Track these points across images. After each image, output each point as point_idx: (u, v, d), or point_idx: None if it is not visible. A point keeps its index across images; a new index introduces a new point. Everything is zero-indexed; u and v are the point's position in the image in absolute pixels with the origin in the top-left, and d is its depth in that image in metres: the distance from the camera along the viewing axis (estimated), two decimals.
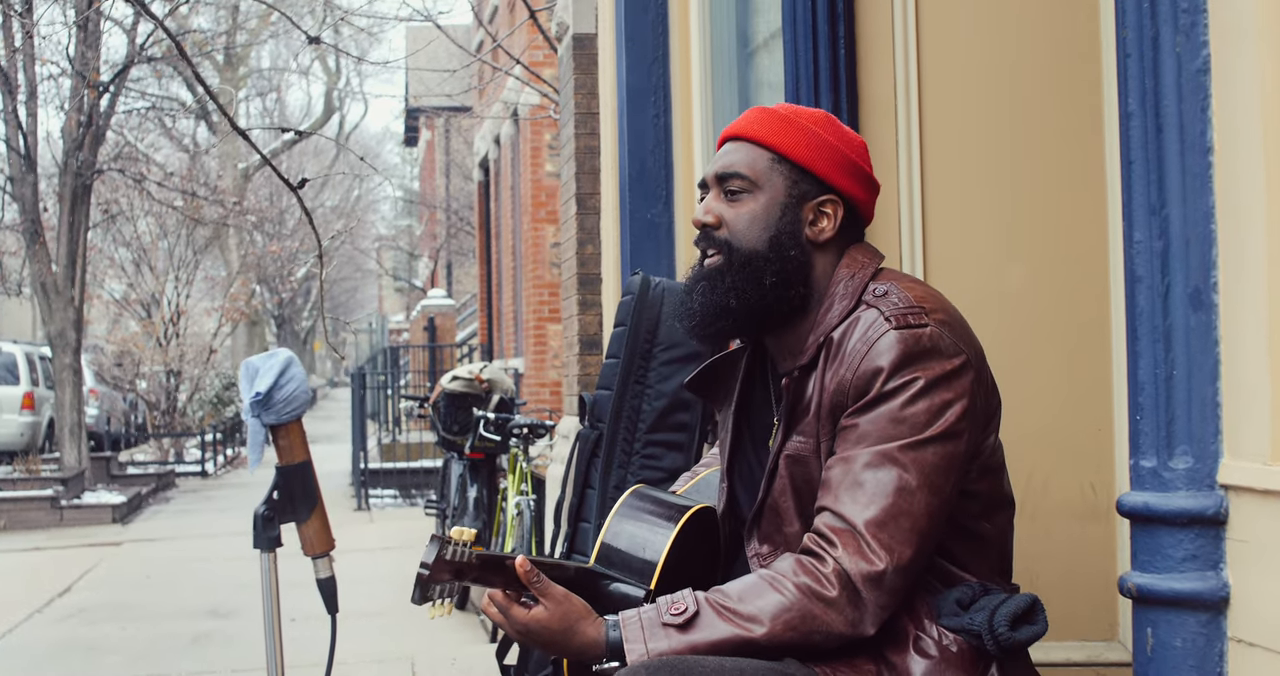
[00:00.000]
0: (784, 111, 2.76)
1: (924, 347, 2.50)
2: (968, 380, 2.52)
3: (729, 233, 2.70)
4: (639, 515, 2.84)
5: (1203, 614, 2.22)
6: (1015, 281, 3.90)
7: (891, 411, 2.48)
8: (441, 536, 2.41)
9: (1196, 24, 2.21)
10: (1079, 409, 3.85)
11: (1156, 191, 2.24)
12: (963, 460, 2.51)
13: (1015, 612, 2.47)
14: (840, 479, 2.50)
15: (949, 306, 2.63)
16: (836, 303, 2.65)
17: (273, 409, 3.36)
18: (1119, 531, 3.78)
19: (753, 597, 2.46)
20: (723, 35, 5.62)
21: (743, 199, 2.70)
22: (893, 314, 2.54)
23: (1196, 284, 2.22)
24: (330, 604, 3.62)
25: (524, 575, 2.50)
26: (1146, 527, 2.27)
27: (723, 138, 2.83)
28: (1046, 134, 3.87)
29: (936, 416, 2.47)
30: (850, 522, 2.45)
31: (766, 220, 2.69)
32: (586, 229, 8.04)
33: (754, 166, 2.71)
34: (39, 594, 10.96)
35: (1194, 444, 2.23)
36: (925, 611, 2.53)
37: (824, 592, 2.43)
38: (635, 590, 2.69)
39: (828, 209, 2.70)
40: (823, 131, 2.73)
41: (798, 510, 2.67)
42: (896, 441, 2.47)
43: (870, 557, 2.43)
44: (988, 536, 2.66)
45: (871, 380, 2.50)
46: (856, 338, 2.56)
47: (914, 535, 2.45)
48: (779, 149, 2.70)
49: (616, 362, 4.33)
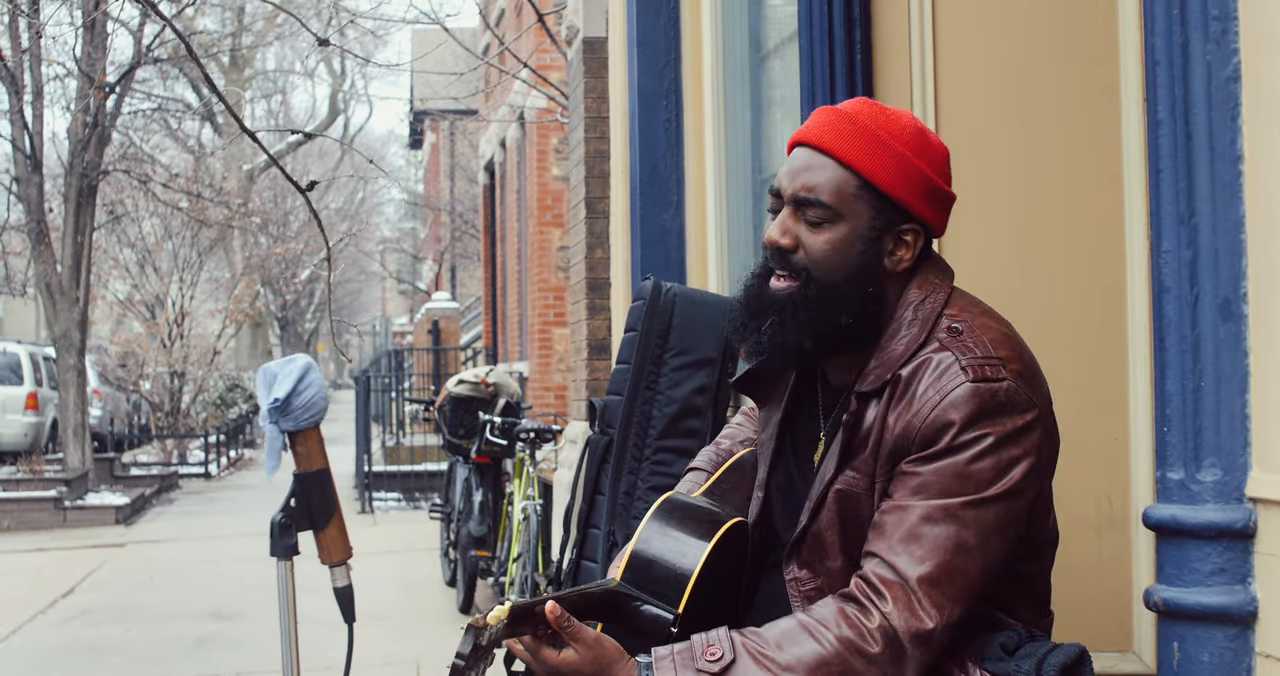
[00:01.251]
0: (873, 124, 2.57)
1: (1000, 403, 2.40)
2: (1037, 436, 2.44)
3: (808, 259, 2.55)
4: (672, 526, 2.72)
5: (1230, 628, 2.19)
6: (1030, 289, 3.87)
7: (957, 466, 2.39)
8: (478, 624, 2.31)
9: (1227, 31, 2.19)
10: (1095, 418, 3.82)
11: (1185, 201, 2.21)
12: (1021, 517, 2.44)
13: (1065, 663, 2.41)
14: (895, 527, 2.42)
15: (1025, 352, 2.53)
16: (904, 328, 2.54)
17: (291, 415, 3.32)
18: (1135, 542, 3.75)
19: (790, 645, 2.37)
20: (735, 39, 5.59)
21: (824, 227, 2.54)
22: (970, 364, 2.44)
23: (1226, 294, 2.19)
24: (347, 612, 3.57)
25: (554, 620, 2.40)
26: (1173, 540, 2.25)
27: (797, 141, 2.64)
28: (1062, 139, 3.84)
29: (1002, 474, 2.39)
30: (903, 576, 2.37)
31: (847, 252, 2.54)
32: (596, 233, 8.01)
33: (839, 193, 2.53)
34: (42, 595, 10.93)
35: (1222, 456, 2.20)
36: (969, 657, 2.47)
37: (866, 649, 2.35)
38: (664, 612, 2.59)
39: (908, 238, 2.57)
40: (913, 155, 2.56)
41: (842, 546, 2.58)
42: (959, 498, 2.38)
43: (921, 615, 2.35)
44: (1033, 576, 2.61)
45: (941, 432, 2.41)
46: (928, 383, 2.45)
47: (965, 593, 2.37)
48: (868, 175, 2.53)
49: (627, 368, 4.31)
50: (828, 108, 2.64)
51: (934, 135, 2.63)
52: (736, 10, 5.56)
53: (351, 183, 44.89)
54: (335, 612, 3.56)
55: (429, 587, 10.83)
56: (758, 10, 5.50)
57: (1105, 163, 3.79)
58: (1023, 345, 2.54)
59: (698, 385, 4.21)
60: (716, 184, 5.60)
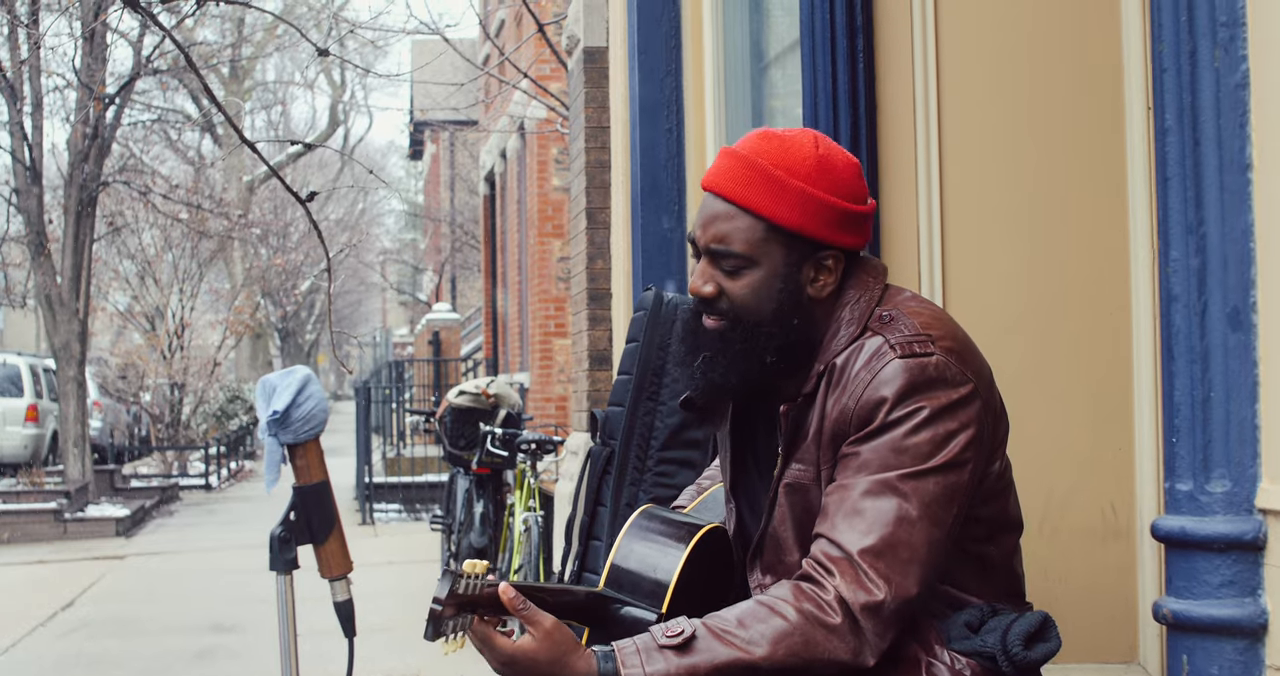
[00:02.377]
0: (771, 163, 2.57)
1: (930, 377, 2.44)
2: (974, 409, 2.45)
3: (730, 304, 2.59)
4: (649, 535, 2.77)
5: (1240, 641, 2.17)
6: (1033, 299, 3.86)
7: (894, 440, 2.42)
8: (454, 571, 2.33)
9: (1235, 38, 2.17)
10: (1099, 428, 3.81)
11: (1194, 209, 2.19)
12: (966, 490, 2.45)
13: (1028, 631, 2.43)
14: (838, 506, 2.44)
15: (957, 331, 2.56)
16: (843, 328, 2.58)
17: (290, 427, 3.30)
18: (1140, 552, 3.73)
19: (753, 622, 2.38)
20: (736, 48, 5.58)
21: (741, 274, 2.58)
22: (898, 342, 2.48)
23: (1235, 303, 2.17)
24: (348, 627, 3.54)
25: (509, 602, 2.39)
26: (1182, 552, 2.23)
27: (706, 187, 2.66)
28: (1065, 148, 3.83)
29: (940, 446, 2.41)
30: (846, 551, 2.39)
31: (767, 292, 2.58)
32: (597, 243, 8.00)
33: (749, 241, 2.57)
34: (42, 607, 10.90)
35: (1231, 467, 2.18)
36: (934, 637, 2.48)
37: (827, 619, 2.36)
38: (647, 613, 2.61)
39: (828, 262, 2.59)
40: (816, 188, 2.56)
41: (798, 539, 2.61)
42: (898, 470, 2.41)
43: (869, 587, 2.36)
44: (993, 560, 2.60)
45: (875, 409, 2.44)
46: (860, 365, 2.49)
47: (913, 566, 2.38)
48: (773, 219, 2.56)
49: (629, 379, 4.29)
50: (727, 151, 2.66)
51: (839, 154, 2.63)
52: (738, 19, 5.55)
53: (351, 194, 44.86)
54: (335, 623, 3.53)
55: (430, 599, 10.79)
56: (759, 19, 5.49)
57: (1109, 172, 3.78)
58: (955, 326, 2.57)
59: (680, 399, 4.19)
60: None
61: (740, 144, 2.66)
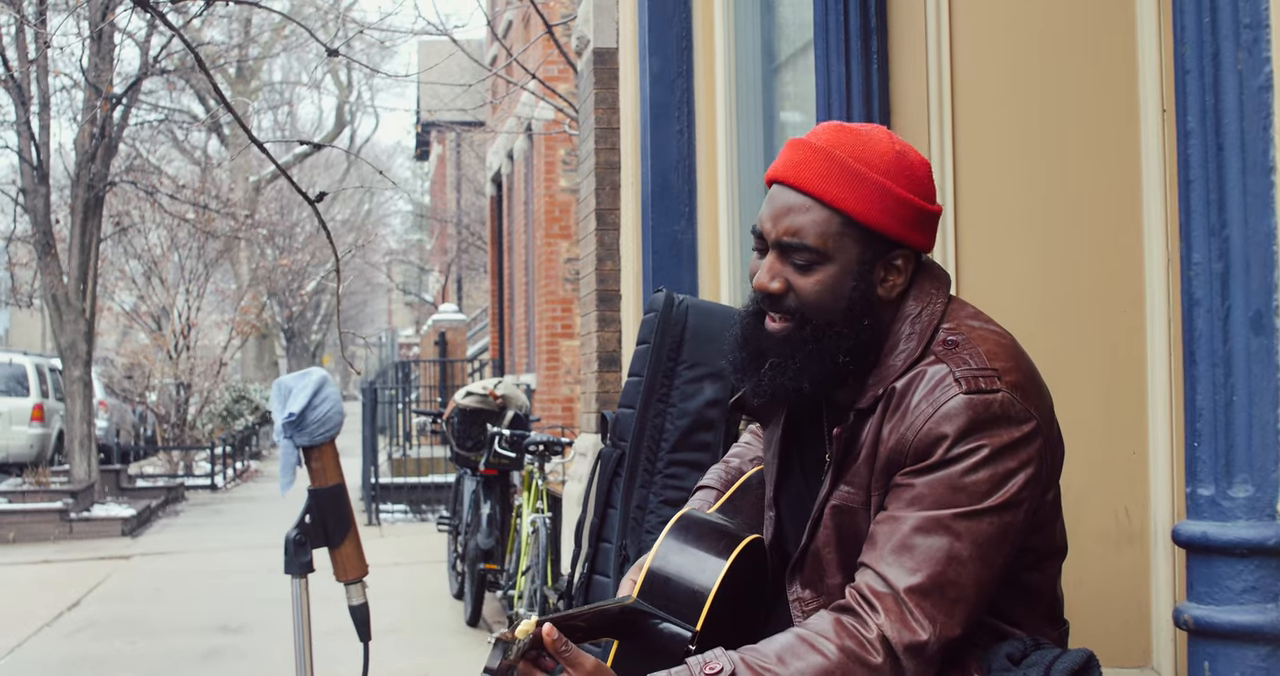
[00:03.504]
0: (850, 156, 2.50)
1: (994, 414, 2.36)
2: (1035, 447, 2.39)
3: (799, 302, 2.50)
4: (689, 544, 2.69)
5: (1263, 647, 2.15)
6: (1047, 302, 3.84)
7: (952, 477, 2.35)
8: (504, 638, 2.25)
9: (1259, 39, 2.15)
10: (1113, 431, 3.78)
11: (1216, 212, 2.18)
12: (1020, 529, 2.39)
13: (1072, 669, 2.37)
14: (887, 538, 2.38)
15: (1021, 361, 2.48)
16: (903, 343, 2.50)
17: (306, 430, 3.27)
18: (1154, 557, 3.71)
19: (792, 658, 2.32)
20: (747, 49, 5.57)
21: (813, 269, 2.49)
22: (964, 376, 2.39)
23: (1258, 307, 2.15)
24: (363, 631, 3.52)
25: (551, 644, 2.32)
26: (1204, 558, 2.21)
27: (775, 178, 2.57)
28: (1080, 151, 3.81)
29: (998, 487, 2.34)
30: (893, 587, 2.33)
31: (839, 290, 2.49)
32: (606, 245, 7.97)
33: (824, 235, 2.48)
34: (48, 607, 10.90)
35: (1254, 472, 2.17)
36: (974, 667, 2.43)
37: (869, 659, 2.31)
38: (682, 630, 2.55)
39: (899, 262, 2.52)
40: (895, 184, 2.49)
41: (840, 563, 2.55)
42: (953, 509, 2.34)
43: (913, 627, 2.31)
44: (1038, 587, 2.56)
45: (935, 445, 2.37)
46: (921, 395, 2.42)
47: (960, 606, 2.33)
48: (851, 213, 2.47)
49: (639, 380, 4.28)
50: (800, 142, 2.57)
51: (913, 152, 2.57)
52: (749, 20, 5.54)
53: (358, 194, 44.90)
54: (344, 622, 3.52)
55: (436, 600, 10.80)
56: (770, 20, 5.47)
57: (1123, 173, 3.75)
58: (1021, 354, 2.50)
59: (710, 398, 4.18)
60: (729, 195, 5.57)
61: (813, 135, 2.57)
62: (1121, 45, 3.76)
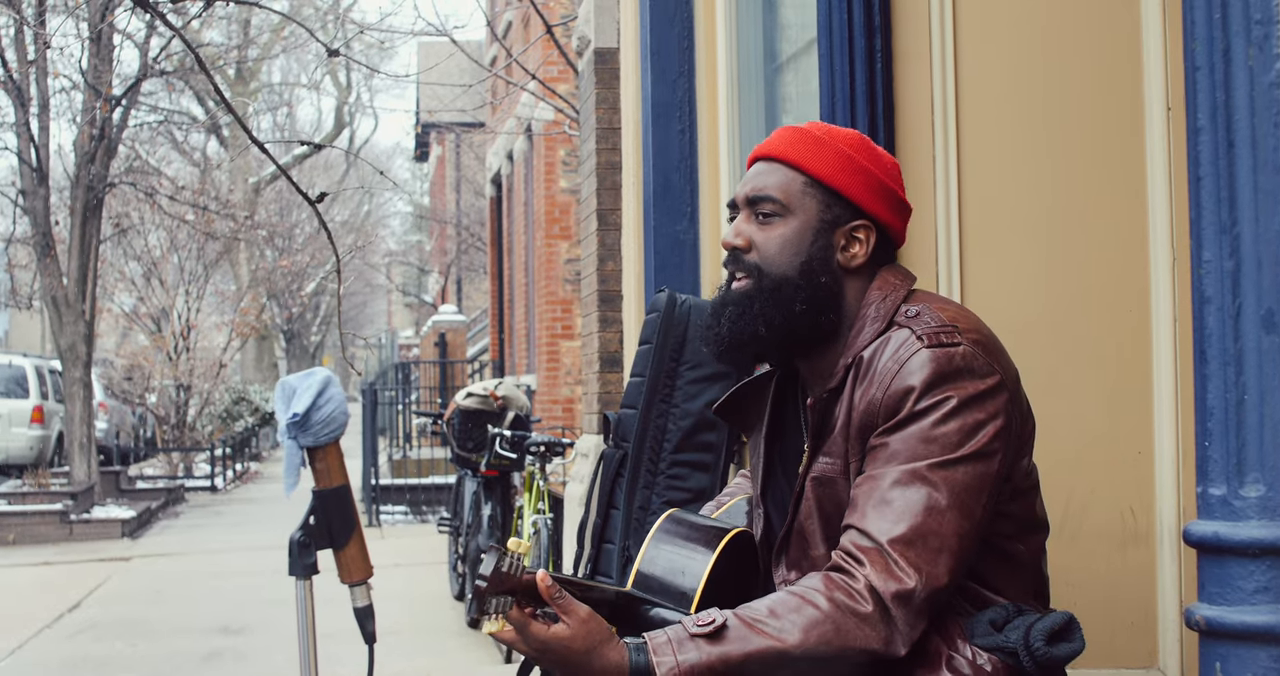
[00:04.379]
0: (817, 132, 2.70)
1: (957, 366, 2.45)
2: (1002, 400, 2.46)
3: (759, 257, 2.65)
4: (675, 540, 2.77)
5: (1275, 648, 2.14)
6: (1054, 301, 3.83)
7: (922, 430, 2.43)
8: (498, 547, 2.31)
9: (1270, 35, 2.14)
10: (1119, 431, 3.78)
11: (1227, 210, 2.16)
12: (995, 481, 2.45)
13: (1052, 629, 2.43)
14: (867, 497, 2.44)
15: (983, 327, 2.58)
16: (868, 324, 2.60)
17: (310, 430, 3.25)
18: (1159, 557, 3.70)
19: (784, 611, 2.38)
20: (749, 49, 5.55)
21: (774, 223, 2.65)
22: (925, 332, 2.49)
23: (1270, 305, 2.14)
24: (367, 633, 3.50)
25: (546, 590, 2.38)
26: (1215, 558, 2.19)
27: (753, 157, 2.77)
28: (1086, 149, 3.80)
29: (969, 436, 2.42)
30: (876, 540, 2.39)
31: (798, 245, 2.63)
32: (608, 245, 7.96)
33: (786, 190, 2.65)
34: (49, 609, 10.89)
35: (1266, 471, 2.15)
36: (957, 632, 2.47)
37: (858, 608, 2.36)
38: (677, 615, 2.59)
39: (860, 234, 2.65)
40: (857, 154, 2.67)
41: (824, 533, 2.61)
42: (927, 460, 2.41)
43: (899, 576, 2.36)
44: (1021, 558, 2.60)
45: (903, 399, 2.45)
46: (887, 356, 2.51)
47: (943, 554, 2.39)
48: (812, 172, 2.65)
49: (642, 381, 4.28)
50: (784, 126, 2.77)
51: (884, 151, 2.75)
52: (751, 19, 5.52)
53: (357, 196, 44.89)
54: (345, 624, 3.51)
55: (437, 602, 10.79)
56: (773, 19, 5.46)
57: (1127, 172, 3.75)
58: (981, 323, 2.60)
59: (713, 398, 4.17)
60: (731, 195, 5.55)
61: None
62: (1126, 43, 3.75)
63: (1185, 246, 3.30)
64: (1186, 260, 3.19)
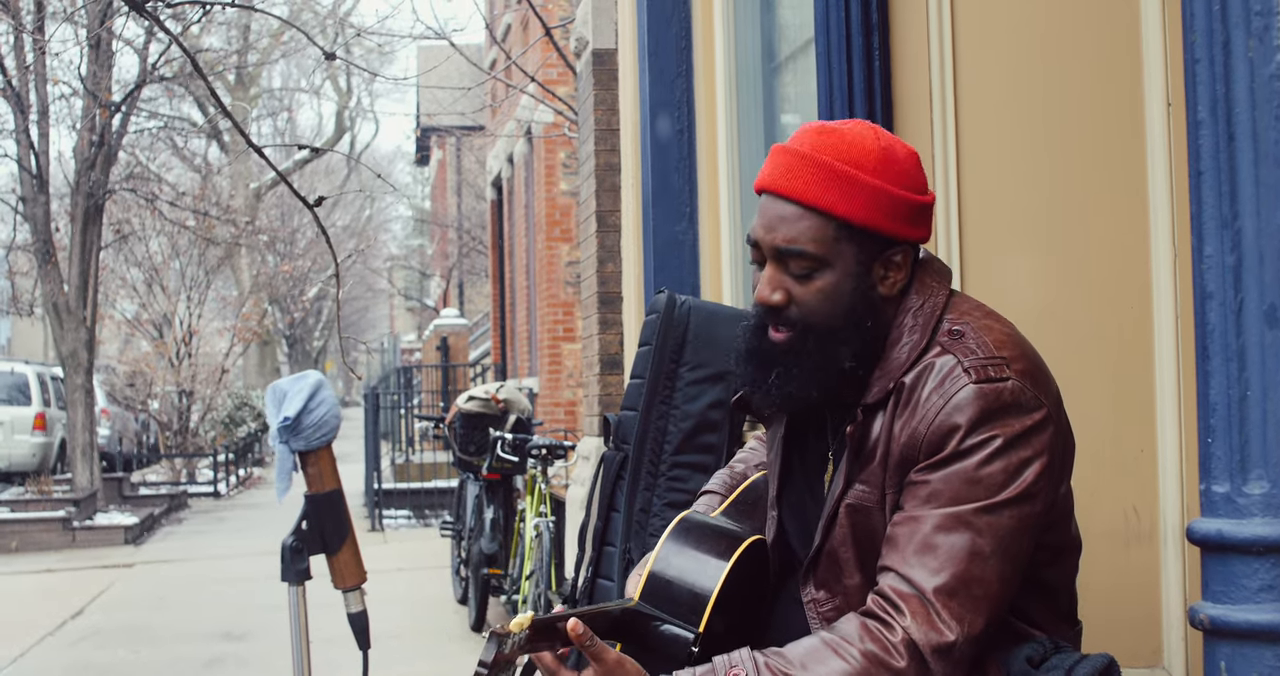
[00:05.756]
0: (836, 158, 2.47)
1: (1005, 403, 2.36)
2: (1047, 435, 2.38)
3: (800, 311, 2.49)
4: (690, 546, 2.69)
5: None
6: (1055, 298, 3.81)
7: (967, 471, 2.35)
8: (498, 632, 2.26)
9: (1270, 27, 2.12)
10: (1120, 430, 3.75)
11: (1229, 204, 2.14)
12: (1038, 520, 2.39)
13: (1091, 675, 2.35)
14: (908, 539, 2.36)
15: (1028, 349, 2.48)
16: (906, 334, 2.49)
17: (302, 434, 3.22)
18: (1164, 555, 3.68)
19: (815, 664, 2.32)
20: (747, 49, 5.54)
21: (812, 277, 2.48)
22: (972, 365, 2.39)
23: (1272, 300, 2.12)
24: (362, 639, 3.47)
25: (577, 638, 2.34)
26: (1219, 556, 2.17)
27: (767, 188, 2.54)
28: (1085, 145, 3.78)
29: (1014, 477, 2.34)
30: (919, 588, 2.32)
31: (839, 294, 2.48)
32: (607, 247, 7.95)
33: (820, 241, 2.46)
34: (51, 616, 10.87)
35: (1270, 468, 2.13)
36: (995, 669, 2.42)
37: (891, 663, 2.29)
38: (684, 632, 2.55)
39: (897, 258, 2.51)
40: (883, 181, 2.47)
41: (858, 562, 2.53)
42: (971, 504, 2.33)
43: (940, 628, 2.30)
44: (1055, 584, 2.55)
45: (947, 437, 2.36)
46: (931, 387, 2.41)
47: (985, 603, 2.32)
48: (844, 215, 2.45)
49: (641, 383, 4.25)
50: (784, 149, 2.55)
51: (899, 144, 2.55)
52: (748, 20, 5.51)
53: (358, 200, 44.91)
54: (346, 629, 3.47)
55: (440, 606, 10.77)
56: (770, 19, 5.44)
57: (1127, 169, 3.73)
58: (1026, 344, 2.50)
59: (713, 399, 4.15)
60: (730, 195, 5.54)
61: (795, 140, 2.55)
62: (1125, 38, 3.73)
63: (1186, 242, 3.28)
64: (1188, 255, 3.17)
